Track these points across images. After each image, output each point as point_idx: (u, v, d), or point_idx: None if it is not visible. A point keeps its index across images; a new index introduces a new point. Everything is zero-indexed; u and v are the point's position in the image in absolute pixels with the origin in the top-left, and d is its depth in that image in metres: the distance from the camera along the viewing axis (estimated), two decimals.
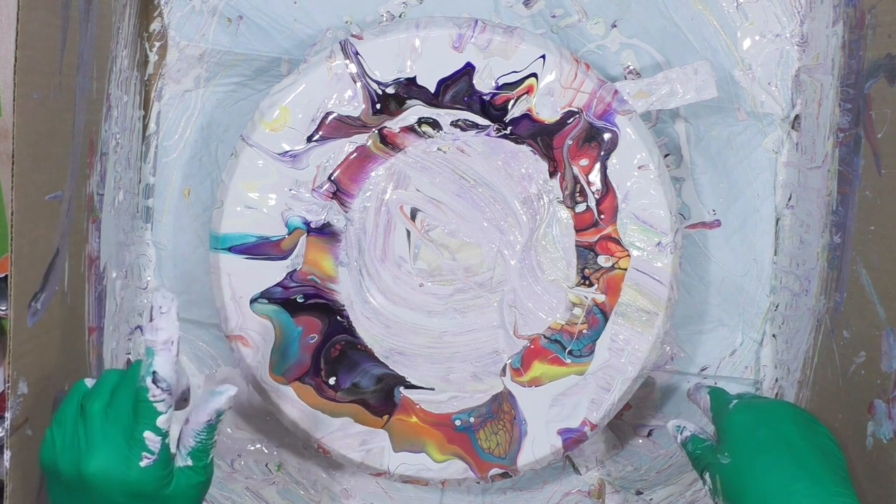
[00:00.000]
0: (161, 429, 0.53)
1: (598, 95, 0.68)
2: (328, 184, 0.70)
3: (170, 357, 0.54)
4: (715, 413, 0.64)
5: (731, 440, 0.60)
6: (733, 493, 0.58)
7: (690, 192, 0.75)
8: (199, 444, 0.55)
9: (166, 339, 0.54)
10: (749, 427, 0.60)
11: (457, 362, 0.72)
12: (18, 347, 0.55)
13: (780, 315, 0.75)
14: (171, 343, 0.54)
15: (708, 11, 0.74)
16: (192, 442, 0.55)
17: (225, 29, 0.75)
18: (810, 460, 0.57)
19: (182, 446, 0.56)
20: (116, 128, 0.70)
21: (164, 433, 0.54)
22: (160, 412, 0.53)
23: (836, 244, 0.66)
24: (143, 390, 0.53)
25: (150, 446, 0.53)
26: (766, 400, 0.67)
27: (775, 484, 0.56)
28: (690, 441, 0.63)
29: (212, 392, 0.56)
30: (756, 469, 0.57)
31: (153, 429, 0.53)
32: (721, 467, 0.59)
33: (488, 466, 0.72)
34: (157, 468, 0.53)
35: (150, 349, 0.54)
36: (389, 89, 0.68)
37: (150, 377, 0.53)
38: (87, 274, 0.66)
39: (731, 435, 0.60)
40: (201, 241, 0.76)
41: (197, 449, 0.55)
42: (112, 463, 0.53)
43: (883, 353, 0.58)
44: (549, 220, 0.70)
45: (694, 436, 0.63)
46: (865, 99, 0.62)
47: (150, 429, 0.53)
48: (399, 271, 0.71)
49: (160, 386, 0.53)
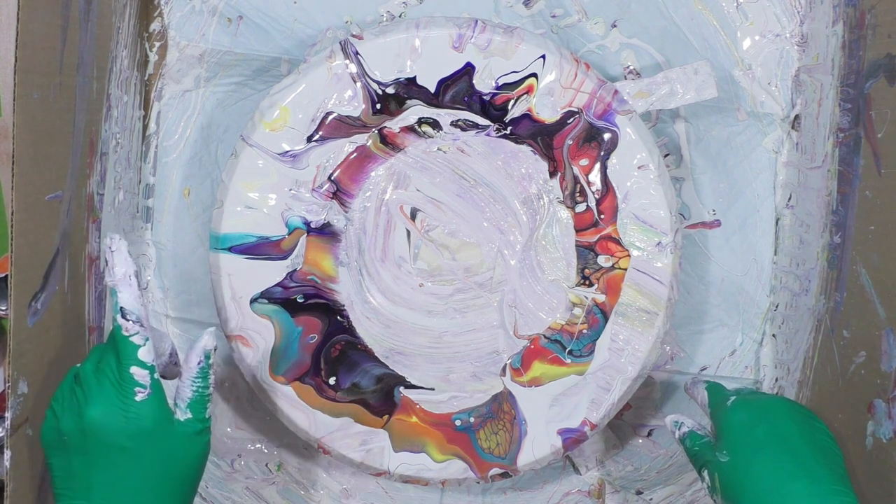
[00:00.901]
0: (145, 362, 0.55)
1: (598, 95, 0.68)
2: (328, 184, 0.70)
3: (132, 291, 0.56)
4: (713, 409, 0.64)
5: (729, 438, 0.60)
6: (732, 492, 0.58)
7: (690, 192, 0.75)
8: (196, 393, 0.57)
9: (123, 274, 0.56)
10: (747, 425, 0.60)
11: (457, 362, 0.72)
12: (18, 347, 0.55)
13: (780, 315, 0.75)
14: (129, 277, 0.56)
15: (708, 11, 0.74)
16: (189, 392, 0.57)
17: (225, 29, 0.75)
18: (808, 458, 0.57)
19: (180, 400, 0.57)
20: (116, 128, 0.70)
21: (149, 367, 0.55)
22: (138, 345, 0.55)
23: (836, 244, 0.66)
24: (117, 328, 0.55)
25: (139, 380, 0.55)
26: (763, 396, 0.67)
27: (774, 483, 0.56)
28: (688, 437, 0.63)
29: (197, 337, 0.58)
30: (754, 467, 0.57)
31: (137, 363, 0.55)
32: (720, 465, 0.59)
33: (488, 466, 0.72)
34: (152, 402, 0.55)
35: (114, 289, 0.56)
36: (389, 89, 0.68)
37: (118, 314, 0.55)
38: (87, 274, 0.66)
39: (729, 433, 0.60)
40: (201, 241, 0.76)
41: (195, 400, 0.57)
42: (109, 406, 0.54)
43: (883, 352, 0.58)
44: (549, 220, 0.70)
45: (692, 432, 0.63)
46: (865, 99, 0.62)
47: (135, 363, 0.55)
48: (399, 271, 0.71)
49: (129, 318, 0.55)
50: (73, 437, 0.55)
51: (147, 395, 0.55)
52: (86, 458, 0.55)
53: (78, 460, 0.55)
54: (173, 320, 0.77)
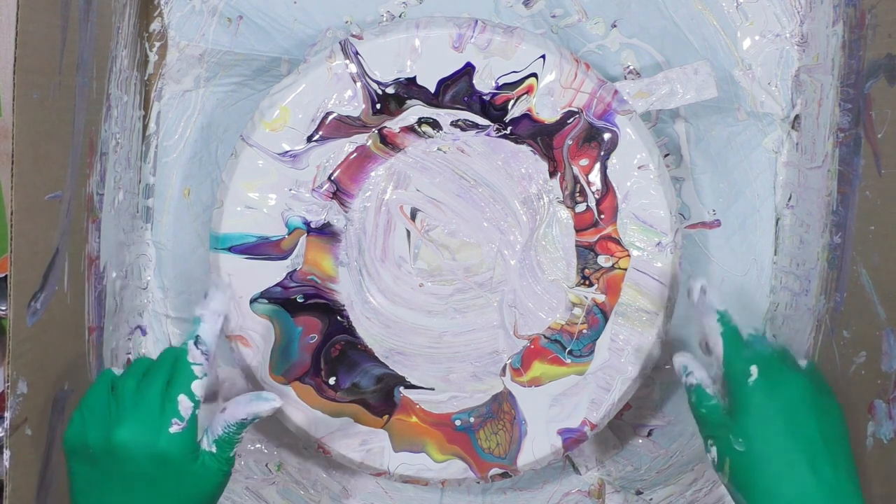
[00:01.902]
0: (194, 394, 0.56)
1: (598, 95, 0.68)
2: (328, 184, 0.70)
3: (214, 328, 0.57)
4: (728, 370, 0.60)
5: (746, 424, 0.58)
6: (743, 484, 0.57)
7: (690, 192, 0.75)
8: (227, 435, 0.57)
9: (215, 310, 0.58)
10: (767, 414, 0.58)
11: (457, 362, 0.72)
12: (18, 347, 0.56)
13: (781, 315, 0.75)
14: (219, 316, 0.58)
15: (708, 11, 0.74)
16: (221, 431, 0.57)
17: (225, 29, 0.75)
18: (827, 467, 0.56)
19: (210, 432, 0.57)
20: (116, 128, 0.70)
21: (196, 401, 0.56)
22: (196, 376, 0.56)
23: (836, 244, 0.66)
24: (184, 352, 0.56)
25: (181, 412, 0.55)
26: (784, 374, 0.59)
27: (789, 491, 0.56)
28: (695, 392, 0.61)
29: (258, 395, 0.58)
30: (771, 469, 0.57)
31: (188, 392, 0.55)
32: (734, 453, 0.58)
33: (488, 466, 0.72)
34: (185, 436, 0.55)
35: (198, 318, 0.57)
36: (389, 89, 0.68)
37: (192, 340, 0.56)
38: (86, 274, 0.66)
39: (746, 418, 0.58)
40: (201, 241, 0.76)
41: (223, 439, 0.57)
42: (142, 428, 0.55)
43: (883, 353, 0.58)
44: (549, 220, 0.70)
45: (700, 388, 0.60)
46: (865, 99, 0.62)
47: (185, 392, 0.55)
48: (399, 271, 0.71)
49: (200, 349, 0.56)
50: (98, 451, 0.55)
51: (182, 429, 0.55)
52: (106, 475, 0.55)
53: (98, 475, 0.55)
54: (173, 320, 0.77)
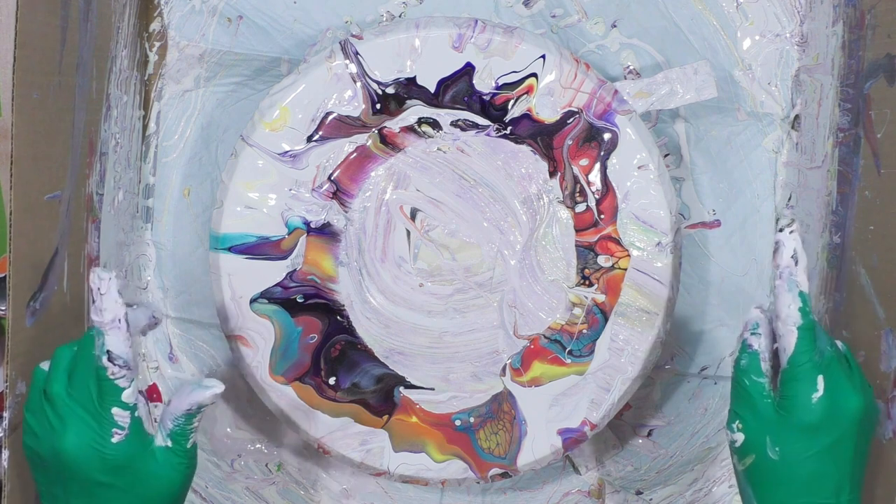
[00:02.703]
0: (127, 403, 0.53)
1: (598, 95, 0.68)
2: (328, 184, 0.70)
3: (121, 334, 0.53)
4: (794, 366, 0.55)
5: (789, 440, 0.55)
6: (758, 483, 0.56)
7: (690, 192, 0.75)
8: (178, 428, 0.55)
9: (112, 319, 0.53)
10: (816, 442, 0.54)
11: (457, 362, 0.72)
12: (17, 347, 0.56)
13: None
14: (119, 321, 0.53)
15: (708, 11, 0.73)
16: (171, 425, 0.55)
17: (225, 29, 0.75)
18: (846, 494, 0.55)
19: (161, 426, 0.55)
20: (116, 128, 0.70)
21: (131, 407, 0.53)
22: (123, 388, 0.53)
23: (835, 244, 0.66)
24: (102, 370, 0.53)
25: (119, 422, 0.53)
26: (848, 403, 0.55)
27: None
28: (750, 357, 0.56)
29: (198, 383, 0.55)
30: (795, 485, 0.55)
31: (119, 405, 0.53)
32: (764, 455, 0.55)
33: (488, 466, 0.72)
34: (130, 442, 0.53)
35: (98, 330, 0.53)
36: (389, 89, 0.68)
37: (104, 356, 0.53)
38: (86, 274, 0.66)
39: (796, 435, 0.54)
40: (201, 241, 0.76)
41: (175, 432, 0.55)
42: (84, 441, 0.53)
43: (882, 353, 0.58)
44: (549, 220, 0.70)
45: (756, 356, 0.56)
46: (865, 99, 0.62)
47: (117, 405, 0.53)
48: (399, 271, 0.71)
49: (117, 364, 0.53)
50: (50, 462, 0.53)
51: (124, 437, 0.53)
52: (64, 486, 0.54)
53: (58, 483, 0.54)
54: (173, 320, 0.77)
